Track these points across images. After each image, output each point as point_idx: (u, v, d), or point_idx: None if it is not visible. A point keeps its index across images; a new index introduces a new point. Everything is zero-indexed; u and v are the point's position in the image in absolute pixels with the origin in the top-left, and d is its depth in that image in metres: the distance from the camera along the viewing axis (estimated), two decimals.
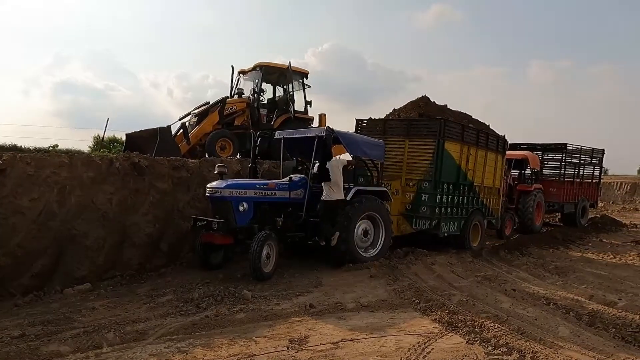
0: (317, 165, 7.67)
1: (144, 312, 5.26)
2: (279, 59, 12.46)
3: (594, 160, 17.25)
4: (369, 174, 9.01)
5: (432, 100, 10.46)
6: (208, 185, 7.18)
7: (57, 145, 13.98)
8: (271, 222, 7.25)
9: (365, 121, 10.29)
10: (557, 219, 17.35)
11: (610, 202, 26.21)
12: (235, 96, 12.24)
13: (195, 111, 11.76)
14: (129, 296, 5.96)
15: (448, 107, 10.67)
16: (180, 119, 11.71)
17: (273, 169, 9.67)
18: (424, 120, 9.66)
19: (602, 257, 9.75)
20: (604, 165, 18.58)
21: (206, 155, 11.49)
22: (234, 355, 4.02)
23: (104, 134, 12.14)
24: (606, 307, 5.73)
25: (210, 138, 10.95)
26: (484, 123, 11.05)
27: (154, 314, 5.13)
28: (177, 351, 4.10)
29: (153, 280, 6.83)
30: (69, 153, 7.30)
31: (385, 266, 7.57)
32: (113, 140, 22.77)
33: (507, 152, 11.67)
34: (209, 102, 11.98)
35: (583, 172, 16.71)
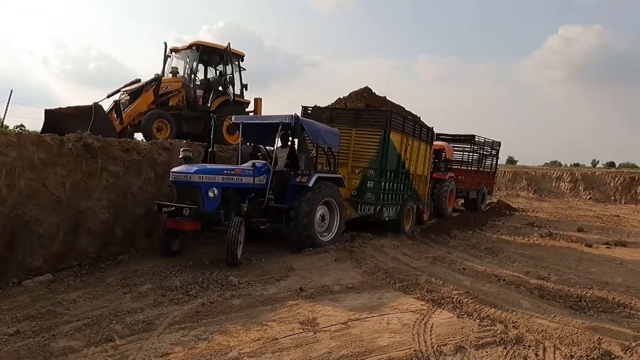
0: (285, 152, 7.74)
1: (130, 302, 5.03)
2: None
3: (493, 152, 19.29)
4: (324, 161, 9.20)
5: (373, 92, 10.97)
6: (173, 170, 6.92)
7: None
8: (235, 207, 7.23)
9: (311, 108, 10.49)
10: (460, 204, 19.14)
11: (496, 189, 29.32)
12: (170, 75, 11.69)
13: (126, 89, 11.04)
14: (100, 286, 5.61)
15: (387, 98, 11.27)
16: (108, 96, 10.87)
17: (220, 154, 9.50)
18: (371, 111, 10.12)
19: (515, 239, 11.11)
20: None
21: (134, 136, 10.90)
22: (257, 340, 4.09)
23: (7, 109, 10.48)
24: (544, 282, 6.68)
25: (147, 118, 10.35)
26: (416, 115, 11.86)
27: (145, 304, 4.95)
28: (197, 339, 4.06)
29: (114, 269, 6.47)
30: (17, 131, 6.52)
31: (342, 250, 7.93)
32: None
33: None
34: (139, 80, 11.30)
35: (485, 162, 18.65)
